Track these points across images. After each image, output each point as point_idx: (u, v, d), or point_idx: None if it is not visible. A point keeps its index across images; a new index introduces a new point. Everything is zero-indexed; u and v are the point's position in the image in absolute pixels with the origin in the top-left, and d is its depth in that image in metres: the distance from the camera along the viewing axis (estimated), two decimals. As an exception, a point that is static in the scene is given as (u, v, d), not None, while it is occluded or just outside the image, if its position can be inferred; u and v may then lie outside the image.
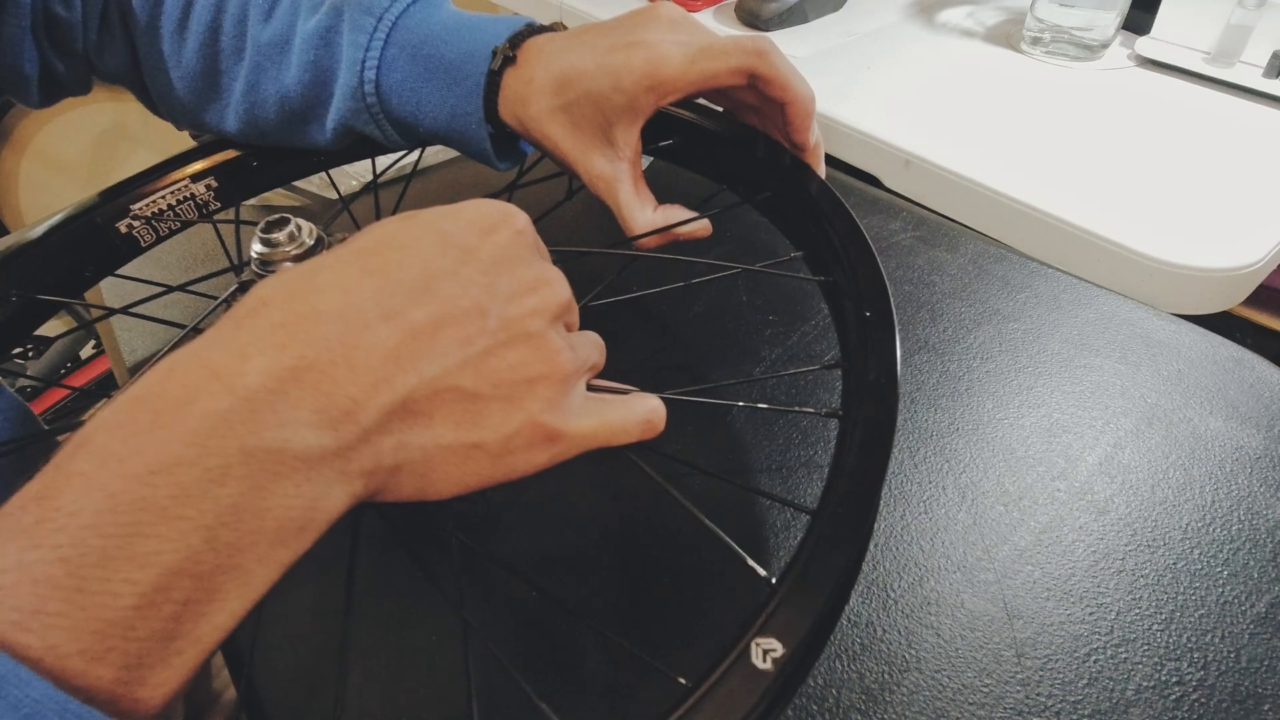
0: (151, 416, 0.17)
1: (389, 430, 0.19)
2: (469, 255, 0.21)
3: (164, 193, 0.42)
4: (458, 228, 0.22)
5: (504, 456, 0.21)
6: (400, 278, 0.20)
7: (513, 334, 0.21)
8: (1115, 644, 0.31)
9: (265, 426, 0.17)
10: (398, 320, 0.19)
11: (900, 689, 0.30)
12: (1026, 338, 0.45)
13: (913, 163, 0.60)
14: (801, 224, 0.37)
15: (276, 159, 0.45)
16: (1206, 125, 0.62)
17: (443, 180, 0.63)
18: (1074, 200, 0.54)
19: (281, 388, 0.18)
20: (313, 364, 0.18)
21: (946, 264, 0.50)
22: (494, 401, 0.21)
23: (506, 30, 0.36)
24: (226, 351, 0.18)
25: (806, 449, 0.39)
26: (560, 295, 0.23)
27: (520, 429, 0.21)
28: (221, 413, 0.17)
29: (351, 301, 0.19)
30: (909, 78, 0.70)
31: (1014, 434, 0.40)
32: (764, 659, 0.20)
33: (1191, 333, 0.45)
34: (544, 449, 0.22)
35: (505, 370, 0.21)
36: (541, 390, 0.22)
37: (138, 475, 0.16)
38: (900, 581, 0.34)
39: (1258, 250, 0.50)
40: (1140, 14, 0.71)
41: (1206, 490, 0.37)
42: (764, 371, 0.44)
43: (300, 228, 0.30)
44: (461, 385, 0.20)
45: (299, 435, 0.18)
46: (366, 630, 0.33)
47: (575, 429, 0.22)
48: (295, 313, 0.19)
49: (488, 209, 0.23)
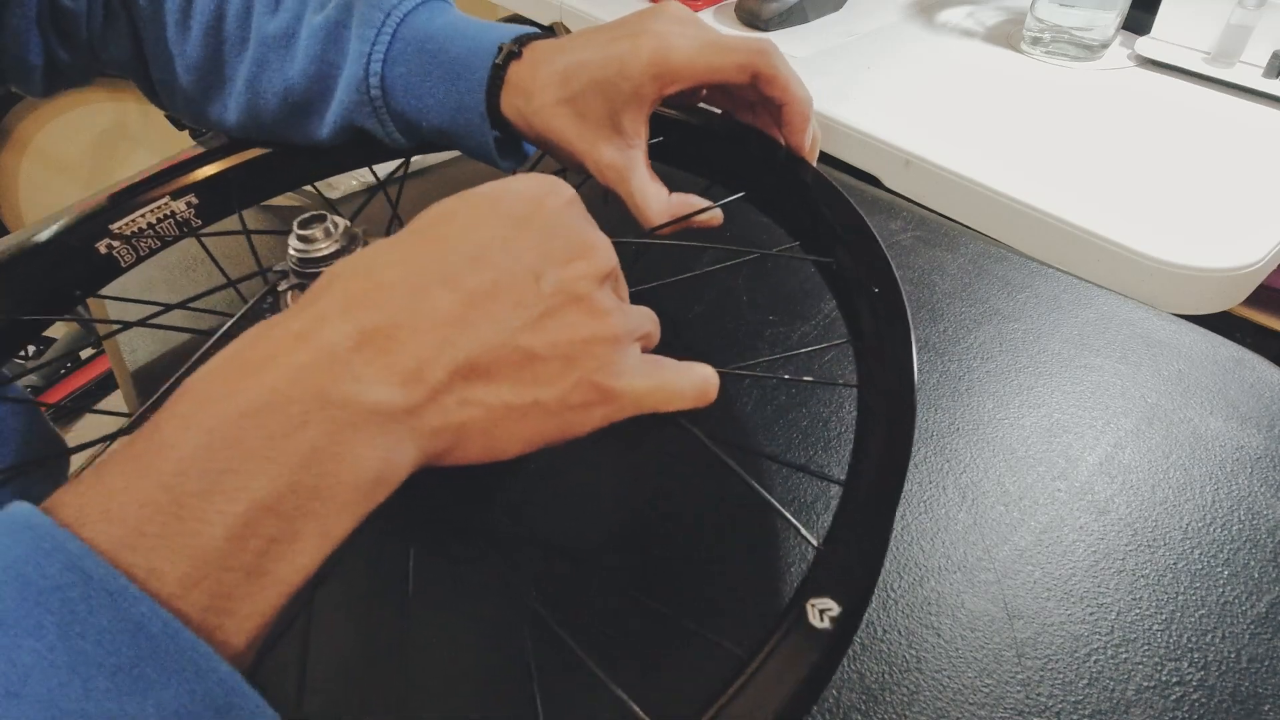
0: (241, 368, 0.19)
1: (454, 389, 0.21)
2: (521, 224, 0.23)
3: (144, 211, 0.41)
4: (509, 200, 0.23)
5: (561, 414, 0.23)
6: (457, 248, 0.22)
7: (565, 296, 0.22)
8: (1116, 644, 0.31)
9: (341, 380, 0.19)
10: (457, 287, 0.21)
11: (900, 689, 0.30)
12: (1026, 338, 0.45)
13: (913, 163, 0.60)
14: (798, 215, 0.37)
15: (259, 173, 0.45)
16: (1206, 125, 0.62)
17: (442, 180, 0.63)
18: (1074, 200, 0.54)
19: (355, 347, 0.19)
20: (381, 328, 0.20)
21: (946, 264, 0.50)
22: (551, 361, 0.22)
23: (513, 33, 0.37)
24: (305, 318, 0.20)
25: (820, 424, 0.40)
26: (608, 259, 0.24)
27: (576, 386, 0.22)
28: (302, 365, 0.19)
29: (413, 272, 0.21)
30: (909, 78, 0.70)
31: (1014, 434, 0.40)
32: (821, 618, 0.21)
33: (1192, 333, 0.45)
34: (599, 407, 0.23)
35: (561, 330, 0.22)
36: (596, 349, 0.23)
37: (229, 418, 0.18)
38: (900, 581, 0.34)
39: (1258, 250, 0.50)
40: (1140, 14, 0.71)
41: (1207, 490, 0.37)
42: (773, 358, 0.44)
43: (335, 224, 0.30)
44: (519, 345, 0.21)
45: (371, 390, 0.19)
46: (420, 621, 0.33)
47: (629, 388, 0.23)
48: (363, 285, 0.21)
49: (537, 181, 0.24)
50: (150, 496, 0.16)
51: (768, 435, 0.40)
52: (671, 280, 0.46)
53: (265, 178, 0.45)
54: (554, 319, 0.22)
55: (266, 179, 0.45)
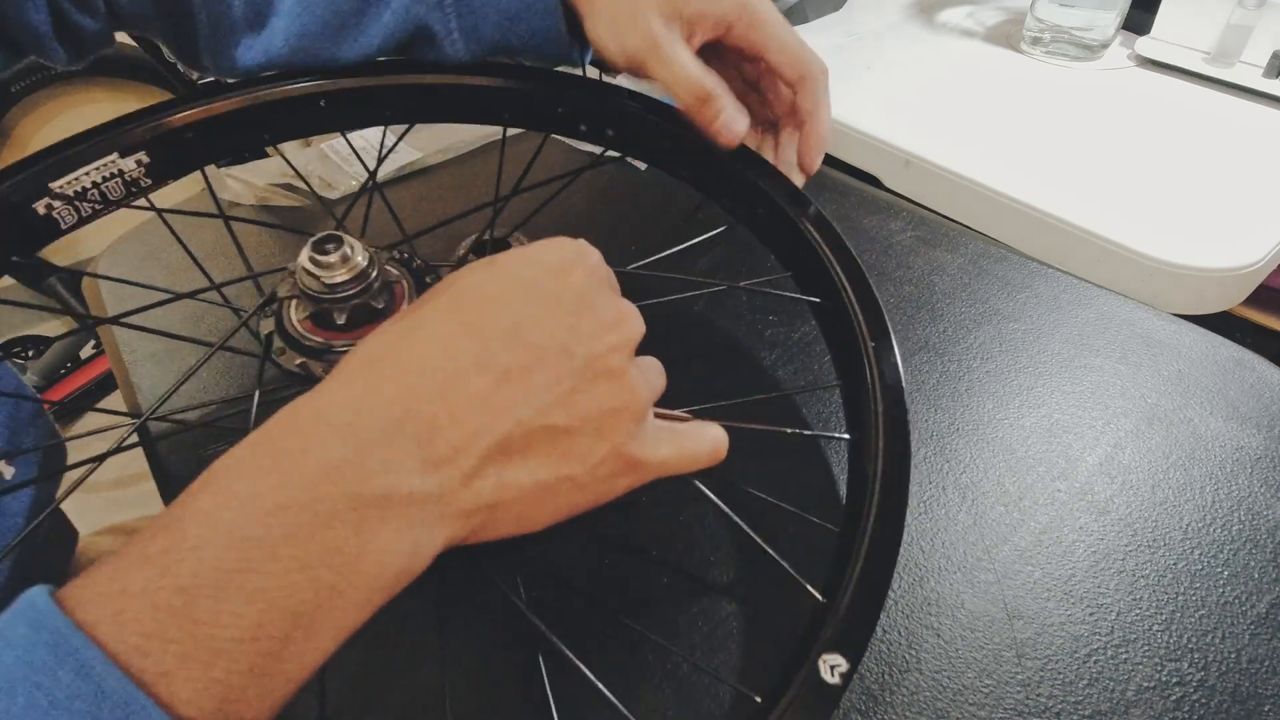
0: (271, 461, 0.19)
1: (487, 472, 0.21)
2: (552, 301, 0.23)
3: (88, 169, 0.37)
4: (538, 274, 0.23)
5: (591, 485, 0.23)
6: (492, 328, 0.22)
7: (596, 371, 0.23)
8: (1116, 644, 0.31)
9: (373, 474, 0.19)
10: (492, 368, 0.21)
11: (900, 689, 0.30)
12: (1026, 338, 0.45)
13: (913, 163, 0.60)
14: (792, 249, 0.36)
15: (221, 130, 0.40)
16: (1206, 125, 0.62)
17: (441, 180, 0.63)
18: (1074, 200, 0.54)
19: (388, 437, 0.19)
20: (417, 415, 0.20)
21: (946, 264, 0.50)
22: (582, 435, 0.22)
23: None
24: (339, 404, 0.20)
25: (809, 467, 0.39)
26: (636, 330, 0.24)
27: (605, 458, 0.23)
28: (334, 461, 0.19)
29: (449, 355, 0.21)
30: (909, 78, 0.70)
31: (1014, 434, 0.40)
32: (832, 674, 0.22)
33: (1192, 333, 0.44)
34: (626, 476, 0.24)
35: (591, 404, 0.22)
36: (624, 422, 0.23)
37: (255, 516, 0.18)
38: (900, 582, 0.34)
39: (1258, 250, 0.50)
40: (1140, 14, 0.71)
41: (1207, 490, 0.37)
42: (770, 372, 0.44)
43: (354, 248, 0.29)
44: (553, 423, 0.22)
45: (404, 480, 0.19)
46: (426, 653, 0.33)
47: (654, 457, 0.24)
48: (399, 368, 0.21)
49: (563, 251, 0.25)
50: (166, 600, 0.16)
51: (761, 476, 0.38)
52: (671, 277, 0.46)
53: (227, 136, 0.41)
54: (584, 394, 0.22)
55: (227, 137, 0.41)
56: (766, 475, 0.35)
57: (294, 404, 0.20)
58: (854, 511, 0.26)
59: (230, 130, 0.40)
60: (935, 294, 0.48)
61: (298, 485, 0.18)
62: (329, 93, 0.40)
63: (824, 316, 0.34)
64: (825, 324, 0.34)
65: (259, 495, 0.18)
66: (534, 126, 0.43)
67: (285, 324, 0.32)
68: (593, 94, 0.40)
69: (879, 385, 0.29)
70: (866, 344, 0.30)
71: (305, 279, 0.29)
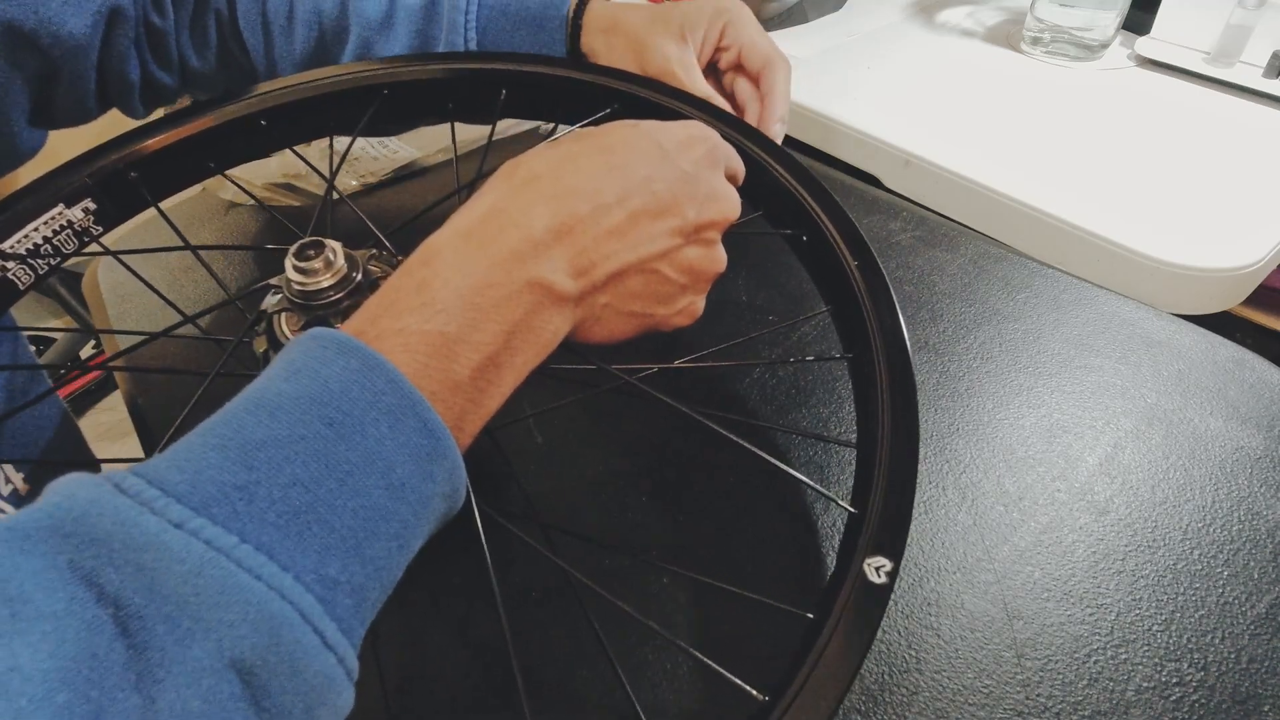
0: (480, 244, 0.24)
1: (606, 290, 0.26)
2: (677, 164, 0.28)
3: (36, 224, 0.35)
4: (670, 142, 0.28)
5: (661, 323, 0.29)
6: (632, 175, 0.26)
7: (701, 234, 0.28)
8: (1115, 645, 0.31)
9: (541, 266, 0.24)
10: (628, 206, 0.26)
11: (900, 689, 0.30)
12: (1026, 338, 0.45)
13: (913, 163, 0.60)
14: (759, 185, 0.37)
15: (161, 165, 0.39)
16: (1206, 125, 0.62)
17: (441, 180, 0.63)
18: (1074, 200, 0.54)
19: (554, 240, 0.24)
20: (572, 229, 0.25)
21: (946, 264, 0.50)
22: (674, 284, 0.28)
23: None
24: (517, 208, 0.25)
25: (821, 395, 0.40)
26: (734, 210, 0.29)
27: (684, 309, 0.29)
28: (518, 251, 0.24)
29: (598, 187, 0.26)
30: (909, 78, 0.70)
31: (1014, 434, 0.40)
32: (878, 574, 0.24)
33: (1191, 333, 0.44)
34: (686, 322, 0.30)
35: (692, 261, 0.28)
36: (702, 283, 0.29)
37: (474, 287, 0.23)
38: (900, 582, 0.34)
39: (1258, 250, 0.50)
40: (1140, 14, 0.71)
41: (1207, 491, 0.37)
42: (762, 316, 0.44)
43: (335, 252, 0.29)
44: (660, 268, 0.27)
45: (560, 278, 0.24)
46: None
47: (699, 313, 0.30)
48: (559, 188, 0.25)
49: (693, 130, 0.30)
50: (431, 339, 0.22)
51: (774, 413, 0.41)
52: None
53: (171, 168, 0.40)
54: (688, 250, 0.28)
55: (172, 170, 0.40)
56: (776, 412, 0.39)
57: (482, 199, 0.25)
58: (867, 423, 0.28)
59: (173, 162, 0.40)
60: (935, 294, 0.48)
61: (498, 267, 0.23)
62: (269, 109, 0.40)
63: (802, 248, 0.36)
64: (805, 256, 0.36)
65: (471, 274, 0.23)
66: (478, 120, 0.44)
67: (278, 338, 0.32)
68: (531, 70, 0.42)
69: (867, 300, 0.31)
70: (849, 263, 0.32)
71: (293, 289, 0.29)
